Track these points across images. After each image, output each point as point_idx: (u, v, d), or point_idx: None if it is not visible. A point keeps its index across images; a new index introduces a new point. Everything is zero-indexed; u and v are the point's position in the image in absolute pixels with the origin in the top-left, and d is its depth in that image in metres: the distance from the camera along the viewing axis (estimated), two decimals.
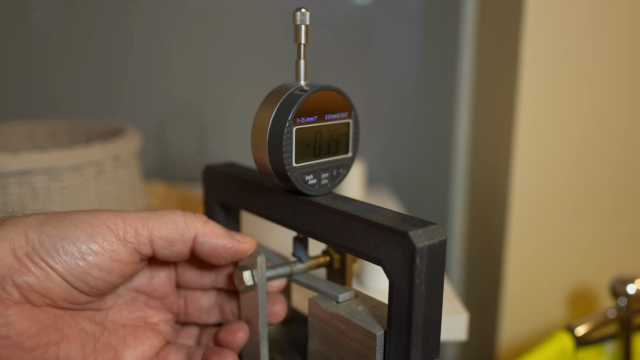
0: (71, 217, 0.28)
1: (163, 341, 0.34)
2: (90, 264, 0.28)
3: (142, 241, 0.29)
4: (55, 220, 0.28)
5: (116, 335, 0.32)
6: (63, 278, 0.27)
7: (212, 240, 0.31)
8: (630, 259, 0.75)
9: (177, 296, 0.36)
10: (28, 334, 0.26)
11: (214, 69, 0.90)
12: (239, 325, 0.34)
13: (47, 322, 0.27)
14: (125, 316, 0.33)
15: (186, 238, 0.30)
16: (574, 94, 0.68)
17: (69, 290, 0.28)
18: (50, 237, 0.27)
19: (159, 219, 0.30)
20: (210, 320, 0.36)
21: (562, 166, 0.70)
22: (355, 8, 0.88)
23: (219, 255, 0.31)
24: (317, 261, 0.36)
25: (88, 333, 0.30)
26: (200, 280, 0.35)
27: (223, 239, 0.31)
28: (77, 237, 0.28)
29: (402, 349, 0.27)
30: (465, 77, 0.90)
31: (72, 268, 0.27)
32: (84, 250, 0.28)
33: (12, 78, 0.90)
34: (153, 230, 0.30)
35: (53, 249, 0.27)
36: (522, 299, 0.74)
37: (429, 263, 0.26)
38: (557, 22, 0.66)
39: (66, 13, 0.87)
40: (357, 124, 0.33)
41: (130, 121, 0.90)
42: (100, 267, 0.28)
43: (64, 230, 0.27)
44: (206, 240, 0.31)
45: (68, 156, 0.52)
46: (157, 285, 0.34)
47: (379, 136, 0.93)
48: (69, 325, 0.29)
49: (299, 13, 0.30)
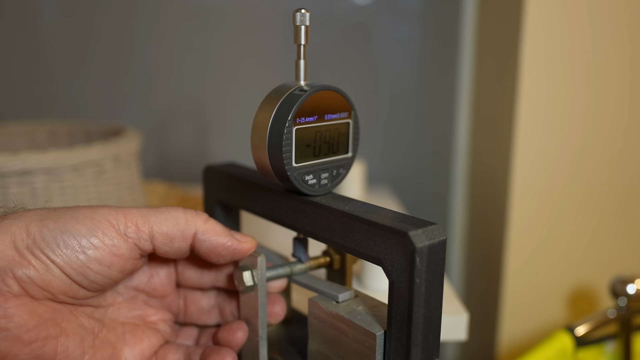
0: (72, 212, 0.28)
1: (162, 340, 0.34)
2: (90, 257, 0.28)
3: (142, 237, 0.30)
4: (56, 215, 0.28)
5: (115, 332, 0.32)
6: (63, 271, 0.27)
7: (212, 238, 0.31)
8: (630, 259, 0.75)
9: (176, 296, 0.36)
10: (27, 327, 0.26)
11: (214, 69, 0.90)
12: (239, 325, 0.34)
13: (46, 316, 0.27)
14: (124, 314, 0.33)
15: (186, 234, 0.30)
16: (574, 94, 0.68)
17: (68, 284, 0.28)
18: (51, 230, 0.27)
19: (160, 215, 0.30)
20: (209, 321, 0.36)
21: (562, 166, 0.70)
22: (355, 8, 0.88)
23: (219, 254, 0.31)
24: (317, 262, 0.36)
25: (87, 329, 0.30)
26: (200, 280, 0.35)
27: (223, 237, 0.31)
28: (77, 230, 0.28)
29: (402, 349, 0.27)
30: (465, 77, 0.90)
31: (73, 261, 0.27)
32: (84, 244, 0.28)
33: (12, 78, 0.90)
34: (154, 226, 0.30)
35: (54, 242, 0.27)
36: (522, 299, 0.74)
37: (429, 263, 0.26)
38: (557, 22, 0.66)
39: (67, 13, 0.87)
40: (357, 124, 0.33)
41: (130, 121, 0.90)
42: (100, 262, 0.28)
43: (65, 224, 0.28)
44: (206, 238, 0.31)
45: (68, 156, 0.52)
46: (156, 284, 0.34)
47: (379, 136, 0.93)
48: (67, 319, 0.29)
49: (298, 14, 0.30)
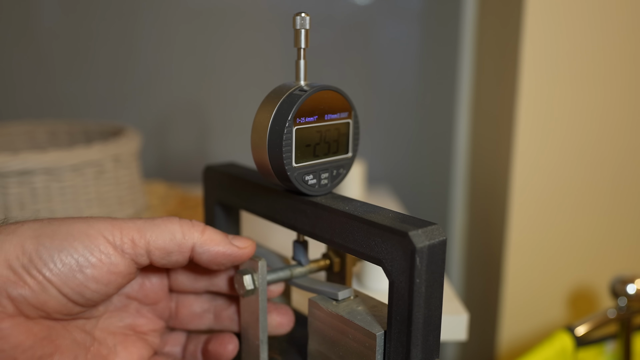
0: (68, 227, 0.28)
1: (151, 352, 0.33)
2: (88, 276, 0.27)
3: (139, 252, 0.29)
4: (51, 230, 0.27)
5: (106, 345, 0.31)
6: (60, 291, 0.27)
7: (211, 249, 0.31)
8: (630, 259, 0.75)
9: (169, 300, 0.35)
10: (22, 347, 0.26)
11: (214, 68, 0.90)
12: (230, 338, 0.33)
13: (41, 335, 0.27)
14: (115, 324, 0.33)
15: (184, 248, 0.30)
16: (574, 94, 0.68)
17: (64, 303, 0.27)
18: (48, 248, 0.27)
19: (156, 229, 0.29)
20: (201, 326, 0.35)
21: (562, 166, 0.70)
22: (355, 8, 0.88)
23: (219, 263, 0.31)
24: (317, 264, 0.36)
25: (80, 344, 0.30)
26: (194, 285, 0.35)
27: (222, 246, 0.31)
28: (75, 248, 0.27)
29: (402, 349, 0.27)
30: (465, 77, 0.90)
31: (70, 280, 0.27)
32: (82, 263, 0.27)
33: (12, 78, 0.90)
34: (150, 241, 0.29)
35: (50, 261, 0.26)
36: (522, 299, 0.74)
37: (429, 263, 0.26)
38: (557, 22, 0.66)
39: (68, 13, 0.87)
40: (357, 124, 0.33)
41: (130, 121, 0.90)
42: (97, 280, 0.28)
43: (62, 241, 0.27)
44: (205, 250, 0.30)
45: (68, 156, 0.52)
46: (148, 291, 0.34)
47: (379, 136, 0.93)
48: (62, 336, 0.28)
49: (298, 18, 0.30)
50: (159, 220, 0.30)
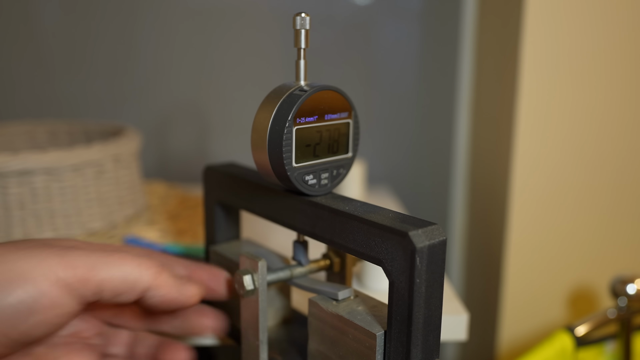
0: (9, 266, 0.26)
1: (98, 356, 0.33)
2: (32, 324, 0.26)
3: (88, 292, 0.28)
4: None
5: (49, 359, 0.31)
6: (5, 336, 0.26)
7: (161, 294, 0.30)
8: (630, 259, 0.75)
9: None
10: None
11: (215, 68, 0.90)
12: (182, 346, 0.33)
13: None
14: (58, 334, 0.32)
15: (135, 290, 0.29)
16: (574, 94, 0.68)
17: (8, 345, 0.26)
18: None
19: (109, 270, 0.28)
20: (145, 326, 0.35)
21: (562, 166, 0.70)
22: (355, 8, 0.88)
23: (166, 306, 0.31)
24: (317, 264, 0.36)
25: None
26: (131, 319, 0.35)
27: (173, 293, 0.30)
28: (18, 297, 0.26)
29: (402, 349, 0.27)
30: (465, 77, 0.90)
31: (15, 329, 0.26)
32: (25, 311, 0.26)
33: (12, 78, 0.90)
34: (102, 282, 0.28)
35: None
36: (522, 299, 0.74)
37: (429, 263, 0.26)
38: (557, 22, 0.66)
39: (68, 12, 0.87)
40: (357, 124, 0.33)
41: (130, 121, 0.90)
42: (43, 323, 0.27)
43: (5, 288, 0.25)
44: (155, 294, 0.30)
45: (68, 156, 0.52)
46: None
47: (379, 136, 0.93)
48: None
49: (298, 18, 0.30)
50: (114, 257, 0.29)
